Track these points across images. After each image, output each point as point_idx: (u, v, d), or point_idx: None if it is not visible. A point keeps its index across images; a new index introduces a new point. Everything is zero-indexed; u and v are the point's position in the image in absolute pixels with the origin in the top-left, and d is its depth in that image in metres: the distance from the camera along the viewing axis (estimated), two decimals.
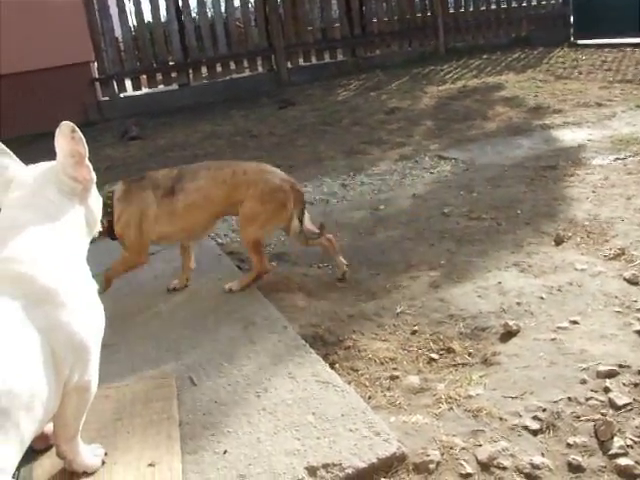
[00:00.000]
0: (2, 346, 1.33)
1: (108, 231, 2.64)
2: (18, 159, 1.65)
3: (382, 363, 2.26)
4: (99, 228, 1.78)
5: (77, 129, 1.56)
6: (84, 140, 1.59)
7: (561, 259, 2.93)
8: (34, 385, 1.37)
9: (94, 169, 1.70)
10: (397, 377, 2.17)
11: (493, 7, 11.46)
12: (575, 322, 2.37)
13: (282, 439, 1.78)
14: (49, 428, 1.67)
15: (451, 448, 1.77)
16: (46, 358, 1.41)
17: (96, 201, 1.75)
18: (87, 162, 1.64)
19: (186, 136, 6.75)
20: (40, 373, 1.39)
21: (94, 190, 1.73)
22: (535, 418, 1.86)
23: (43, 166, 1.66)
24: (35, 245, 1.51)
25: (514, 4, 11.53)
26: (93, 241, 1.79)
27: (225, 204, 2.76)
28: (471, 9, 11.20)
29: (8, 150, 1.63)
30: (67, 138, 1.57)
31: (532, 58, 9.76)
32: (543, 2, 11.67)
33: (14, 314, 1.38)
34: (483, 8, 11.30)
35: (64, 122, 1.56)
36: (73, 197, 1.65)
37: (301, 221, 2.81)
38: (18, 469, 1.42)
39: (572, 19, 11.64)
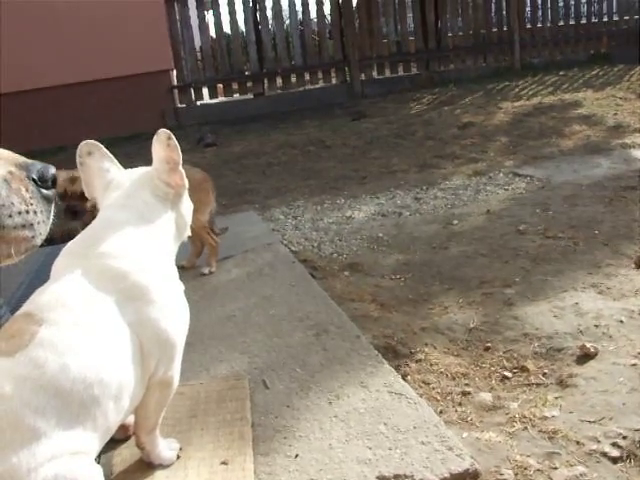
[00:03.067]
0: (96, 339, 1.39)
1: None
2: (118, 163, 1.73)
3: (454, 378, 2.25)
4: (189, 233, 1.84)
5: (173, 137, 1.61)
6: (179, 148, 1.64)
7: None
8: (123, 377, 1.43)
9: None
10: (469, 393, 2.15)
11: (572, 23, 11.13)
12: None
13: (354, 447, 1.79)
14: (130, 419, 1.73)
15: (525, 469, 1.73)
16: (134, 352, 1.47)
17: (187, 207, 1.79)
18: (180, 169, 1.68)
19: (260, 144, 6.88)
20: (128, 366, 1.45)
21: (186, 196, 1.77)
22: (615, 445, 1.79)
23: (139, 170, 1.72)
24: (129, 243, 1.57)
25: (594, 19, 11.17)
26: None
27: None
28: (548, 24, 10.93)
29: (110, 154, 1.70)
30: (163, 145, 1.63)
31: (612, 75, 9.44)
32: (626, 17, 11.23)
33: (107, 308, 1.44)
34: (561, 23, 11.01)
35: (161, 130, 1.61)
36: (166, 202, 1.70)
37: None
38: (99, 455, 1.48)
39: None
